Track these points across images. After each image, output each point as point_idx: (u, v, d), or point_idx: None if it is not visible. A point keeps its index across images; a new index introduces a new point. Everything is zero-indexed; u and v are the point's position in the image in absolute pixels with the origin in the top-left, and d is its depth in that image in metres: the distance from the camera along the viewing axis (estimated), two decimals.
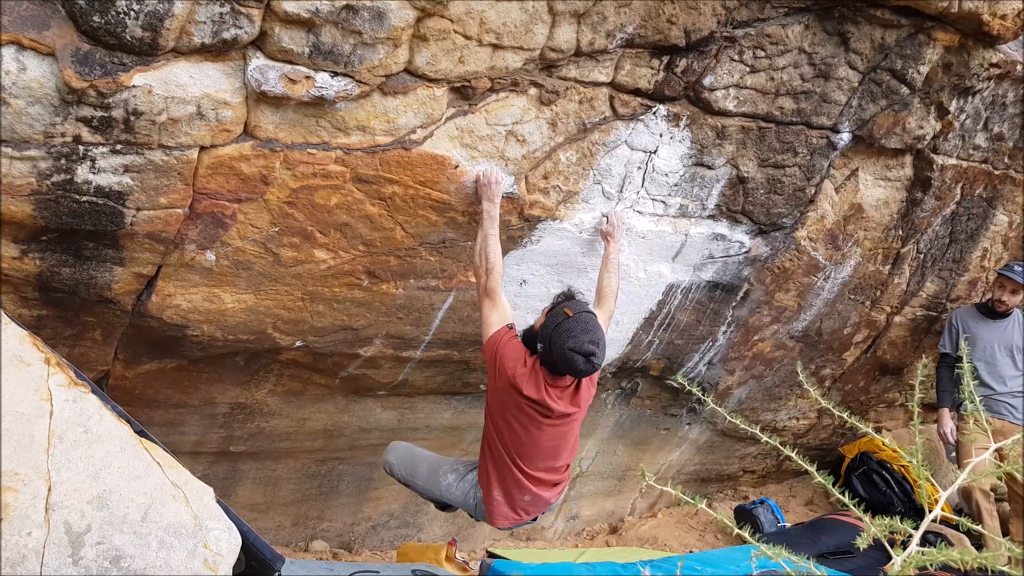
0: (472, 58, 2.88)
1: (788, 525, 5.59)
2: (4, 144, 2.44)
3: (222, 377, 3.67)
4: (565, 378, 3.08)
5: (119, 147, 2.58)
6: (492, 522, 3.35)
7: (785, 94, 3.56)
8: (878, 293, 4.87)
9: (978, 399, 2.10)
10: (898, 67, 3.69)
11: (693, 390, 2.44)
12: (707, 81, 3.36)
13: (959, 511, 4.90)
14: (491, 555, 4.18)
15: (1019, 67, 4.04)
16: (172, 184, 2.73)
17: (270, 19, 2.54)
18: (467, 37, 2.82)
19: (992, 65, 3.91)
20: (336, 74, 2.68)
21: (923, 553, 1.70)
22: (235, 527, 2.17)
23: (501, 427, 3.16)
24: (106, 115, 2.49)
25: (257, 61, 2.59)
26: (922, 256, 4.83)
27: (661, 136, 3.46)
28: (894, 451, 2.59)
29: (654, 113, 3.38)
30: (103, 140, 2.55)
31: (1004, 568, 1.80)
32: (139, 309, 3.09)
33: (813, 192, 4.03)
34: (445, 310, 3.69)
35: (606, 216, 3.57)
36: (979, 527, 2.05)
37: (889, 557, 1.78)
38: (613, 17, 3.02)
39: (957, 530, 4.65)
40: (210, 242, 2.96)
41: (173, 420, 3.80)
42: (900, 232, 4.57)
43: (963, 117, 4.15)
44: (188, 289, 3.09)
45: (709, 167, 3.65)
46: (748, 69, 3.41)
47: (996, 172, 4.59)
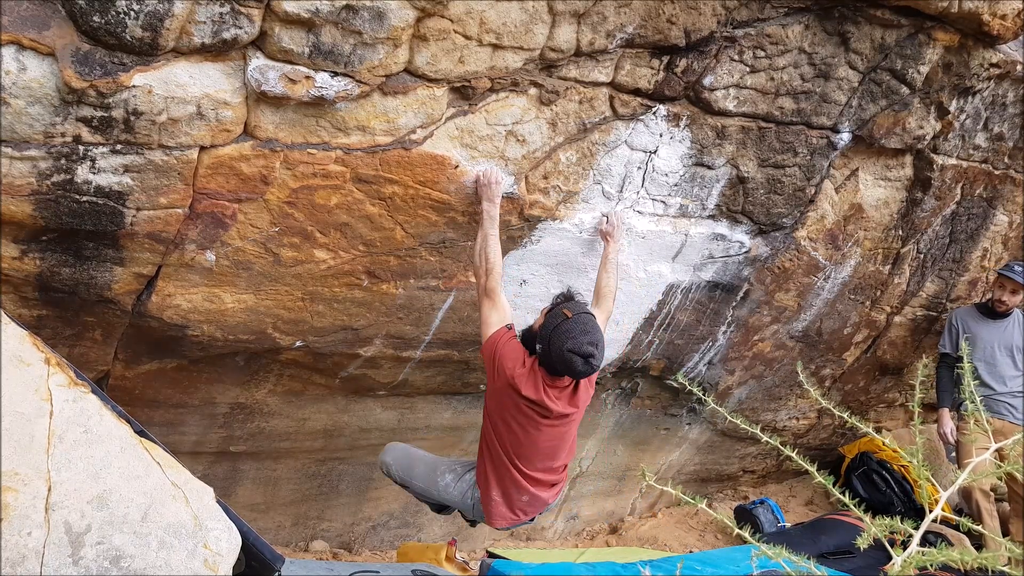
0: (472, 58, 2.88)
1: (788, 525, 5.59)
2: (4, 144, 2.44)
3: (222, 377, 3.67)
4: (563, 379, 3.08)
5: (119, 147, 2.58)
6: (490, 522, 3.35)
7: (785, 94, 3.56)
8: (878, 293, 4.87)
9: (978, 399, 2.10)
10: (898, 67, 3.69)
11: (694, 390, 2.44)
12: (707, 81, 3.36)
13: (959, 511, 4.90)
14: (491, 555, 4.18)
15: (1019, 67, 4.04)
16: (172, 184, 2.72)
17: (270, 19, 2.54)
18: (467, 37, 2.82)
19: (992, 65, 3.91)
20: (336, 74, 2.68)
21: (923, 553, 1.70)
22: (235, 527, 2.17)
23: (500, 427, 3.15)
24: (106, 115, 2.49)
25: (257, 61, 2.59)
26: (922, 256, 4.83)
27: (661, 136, 3.46)
28: (894, 451, 2.59)
29: (654, 113, 3.38)
30: (103, 140, 2.54)
31: (1004, 568, 1.80)
32: (139, 309, 3.09)
33: (813, 192, 4.03)
34: (445, 310, 3.69)
35: (606, 216, 3.57)
36: (979, 527, 2.05)
37: (889, 557, 1.78)
38: (613, 17, 3.02)
39: (957, 530, 4.65)
40: (210, 242, 2.96)
41: (173, 420, 3.79)
42: (900, 232, 4.56)
43: (963, 117, 4.15)
44: (188, 289, 3.09)
45: (709, 167, 3.65)
46: (748, 69, 3.41)
47: (996, 172, 4.59)
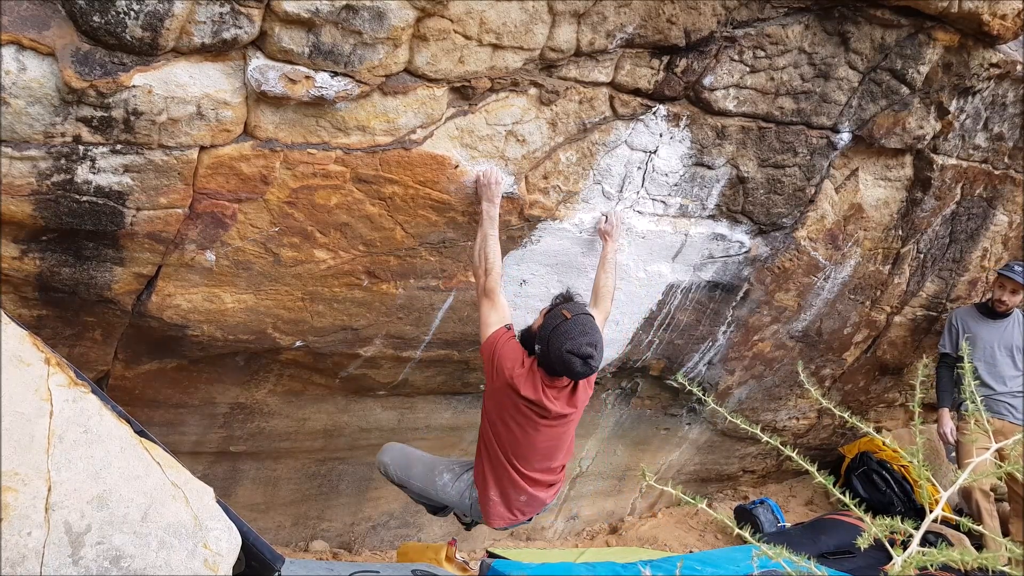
0: (472, 58, 2.88)
1: (788, 525, 5.59)
2: (4, 144, 2.44)
3: (222, 377, 3.67)
4: (562, 379, 3.08)
5: (119, 147, 2.58)
6: (488, 522, 3.36)
7: (785, 94, 3.56)
8: (878, 293, 4.87)
9: (979, 399, 2.09)
10: (898, 67, 3.69)
11: (694, 390, 2.44)
12: (707, 81, 3.36)
13: (959, 511, 4.90)
14: (491, 555, 4.18)
15: (1019, 67, 4.04)
16: (172, 184, 2.72)
17: (270, 19, 2.53)
18: (467, 37, 2.82)
19: (992, 65, 3.91)
20: (336, 74, 2.68)
21: (924, 553, 1.70)
22: (235, 527, 2.17)
23: (498, 427, 3.15)
24: (106, 115, 2.49)
25: (257, 61, 2.59)
26: (922, 256, 4.83)
27: (661, 136, 3.46)
28: (894, 451, 2.59)
29: (654, 113, 3.38)
30: (103, 140, 2.54)
31: (1004, 568, 1.80)
32: (139, 309, 3.09)
33: (813, 192, 4.03)
34: (445, 310, 3.68)
35: (605, 215, 3.57)
36: (979, 527, 2.05)
37: (889, 557, 1.78)
38: (613, 17, 3.02)
39: (957, 530, 4.65)
40: (210, 242, 2.96)
41: (173, 420, 3.79)
42: (900, 232, 4.56)
43: (963, 117, 4.15)
44: (188, 289, 3.09)
45: (709, 167, 3.65)
46: (748, 69, 3.41)
47: (996, 172, 4.59)
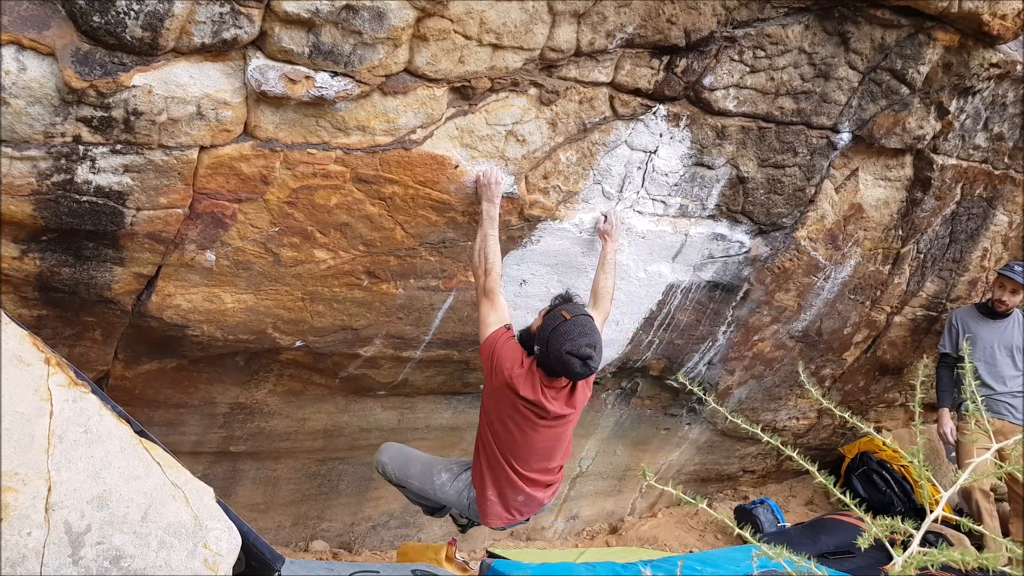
0: (472, 58, 2.88)
1: (788, 525, 5.59)
2: (4, 144, 2.44)
3: (222, 377, 3.67)
4: (561, 379, 3.09)
5: (119, 147, 2.58)
6: (485, 521, 3.36)
7: (785, 94, 3.56)
8: (878, 293, 4.87)
9: (979, 399, 2.09)
10: (898, 67, 3.69)
11: (694, 390, 2.44)
12: (707, 81, 3.36)
13: (959, 511, 4.90)
14: (491, 555, 4.18)
15: (1019, 67, 4.04)
16: (172, 184, 2.72)
17: (270, 19, 2.53)
18: (467, 37, 2.82)
19: (992, 65, 3.91)
20: (336, 74, 2.68)
21: (924, 553, 1.70)
22: (235, 527, 2.17)
23: (496, 427, 3.16)
24: (106, 115, 2.49)
25: (257, 61, 2.59)
26: (922, 256, 4.83)
27: (661, 136, 3.46)
28: (895, 451, 2.59)
29: (654, 113, 3.38)
30: (103, 140, 2.54)
31: (1005, 569, 1.80)
32: (139, 309, 3.09)
33: (813, 192, 4.03)
34: (445, 310, 3.68)
35: (605, 215, 3.57)
36: (979, 527, 2.05)
37: (889, 557, 1.78)
38: (613, 17, 3.02)
39: (957, 530, 4.65)
40: (210, 242, 2.96)
41: (173, 420, 3.79)
42: (900, 232, 4.56)
43: (963, 117, 4.15)
44: (188, 289, 3.09)
45: (709, 167, 3.65)
46: (748, 69, 3.41)
47: (996, 172, 4.59)
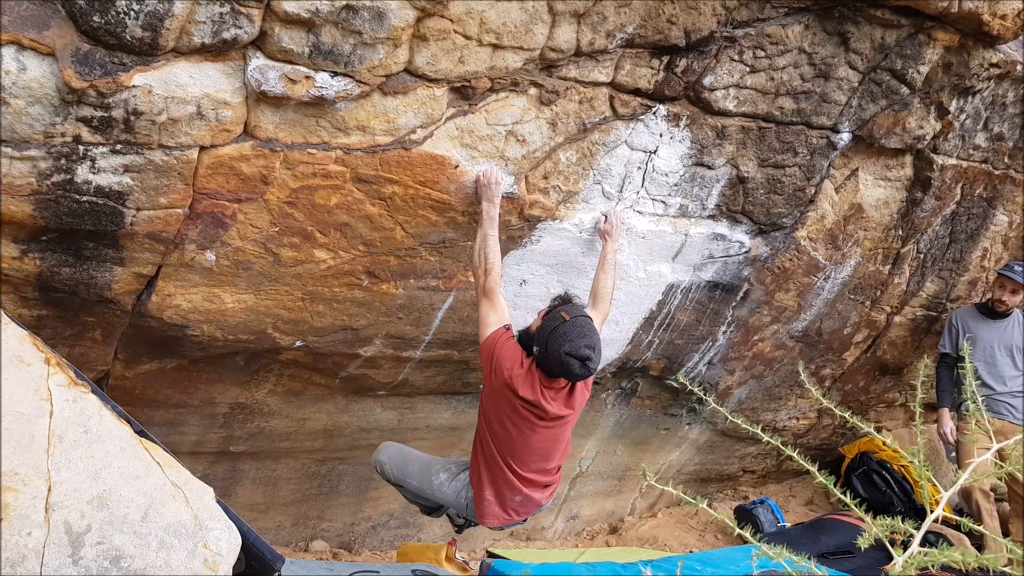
0: (472, 58, 2.88)
1: (788, 525, 5.59)
2: (4, 144, 2.44)
3: (222, 377, 3.67)
4: (559, 380, 3.09)
5: (119, 147, 2.57)
6: (482, 521, 3.37)
7: (785, 94, 3.56)
8: (878, 293, 4.87)
9: (980, 399, 2.09)
10: (898, 67, 3.69)
11: (694, 390, 2.44)
12: (707, 81, 3.36)
13: (959, 511, 4.90)
14: (491, 555, 4.18)
15: (1019, 67, 4.04)
16: (172, 184, 2.72)
17: (270, 19, 2.53)
18: (467, 37, 2.82)
19: (992, 65, 3.91)
20: (336, 74, 2.68)
21: (925, 553, 1.70)
22: (235, 527, 2.17)
23: (495, 427, 3.16)
24: (106, 115, 2.49)
25: (257, 61, 2.59)
26: (922, 256, 4.83)
27: (661, 136, 3.46)
28: (895, 451, 2.58)
29: (654, 113, 3.38)
30: (103, 140, 2.54)
31: (1005, 569, 1.79)
32: (139, 309, 3.09)
33: (813, 192, 4.03)
34: (445, 310, 3.68)
35: (604, 215, 3.57)
36: (979, 527, 2.05)
37: (888, 557, 1.78)
38: (613, 17, 3.02)
39: (958, 530, 4.65)
40: (210, 242, 2.96)
41: (173, 420, 3.79)
42: (900, 232, 4.56)
43: (963, 117, 4.15)
44: (188, 289, 3.09)
45: (709, 167, 3.65)
46: (748, 69, 3.41)
47: (996, 172, 4.59)
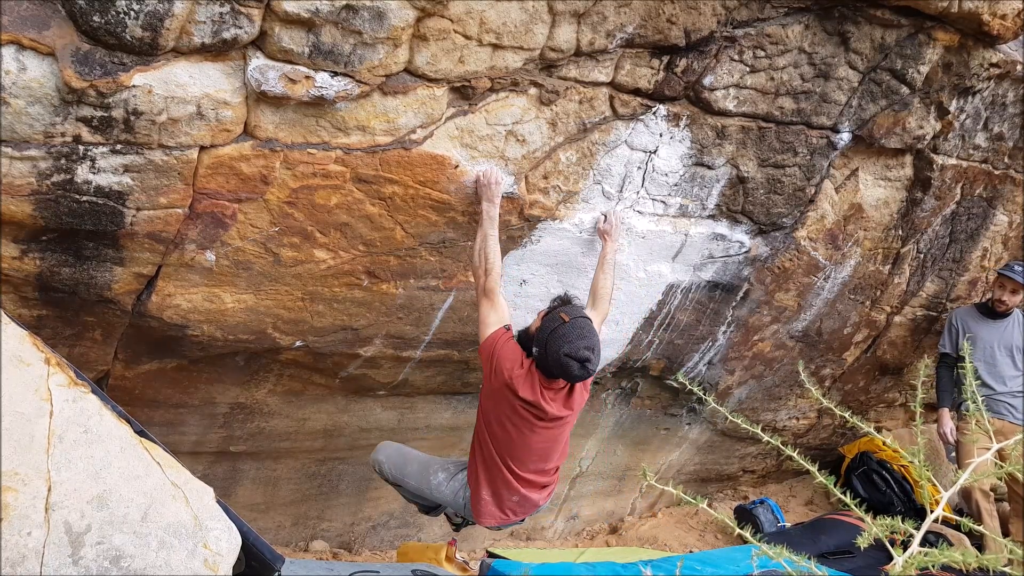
0: (472, 58, 2.88)
1: (788, 525, 5.60)
2: (4, 144, 2.44)
3: (222, 377, 3.67)
4: (559, 381, 3.09)
5: (119, 147, 2.57)
6: (479, 520, 3.37)
7: (785, 94, 3.56)
8: (878, 293, 4.87)
9: (980, 399, 2.09)
10: (898, 67, 3.69)
11: (694, 389, 2.44)
12: (707, 81, 3.36)
13: (959, 511, 4.90)
14: (491, 555, 4.18)
15: (1019, 67, 4.04)
16: (172, 184, 2.72)
17: (270, 19, 2.53)
18: (467, 37, 2.82)
19: (992, 65, 3.91)
20: (336, 74, 2.68)
21: (925, 553, 1.70)
22: (235, 527, 2.17)
23: (494, 427, 3.16)
24: (106, 115, 2.49)
25: (257, 61, 2.59)
26: (922, 256, 4.83)
27: (661, 136, 3.46)
28: (895, 451, 2.58)
29: (654, 113, 3.38)
30: (103, 140, 2.54)
31: (1005, 569, 1.79)
32: (139, 309, 3.09)
33: (813, 192, 4.03)
34: (445, 310, 3.68)
35: (604, 215, 3.57)
36: (979, 527, 2.05)
37: (888, 557, 1.77)
38: (613, 17, 3.02)
39: (958, 530, 4.64)
40: (210, 242, 2.96)
41: (173, 420, 3.79)
42: (900, 232, 4.56)
43: (963, 117, 4.15)
44: (188, 289, 3.09)
45: (709, 167, 3.65)
46: (748, 69, 3.41)
47: (996, 172, 4.59)
